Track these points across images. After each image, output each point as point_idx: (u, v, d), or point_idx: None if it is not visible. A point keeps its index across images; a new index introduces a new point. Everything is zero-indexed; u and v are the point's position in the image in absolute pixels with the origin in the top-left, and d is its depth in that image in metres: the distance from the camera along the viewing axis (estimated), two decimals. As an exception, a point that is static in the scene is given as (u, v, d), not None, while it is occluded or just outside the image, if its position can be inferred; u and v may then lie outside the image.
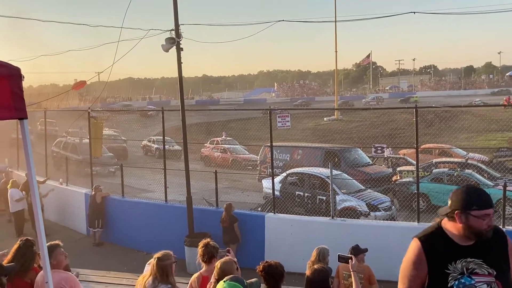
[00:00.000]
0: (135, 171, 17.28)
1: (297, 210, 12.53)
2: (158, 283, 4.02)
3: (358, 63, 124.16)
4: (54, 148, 22.20)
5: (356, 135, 30.78)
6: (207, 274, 4.92)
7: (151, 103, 71.35)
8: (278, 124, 11.57)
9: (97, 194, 12.28)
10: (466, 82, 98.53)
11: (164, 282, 4.02)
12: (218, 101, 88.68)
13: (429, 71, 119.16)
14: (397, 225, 9.73)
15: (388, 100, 75.18)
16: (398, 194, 14.27)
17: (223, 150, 25.03)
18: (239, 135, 27.89)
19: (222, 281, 3.55)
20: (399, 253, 9.49)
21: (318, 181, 13.30)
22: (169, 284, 4.03)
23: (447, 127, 27.17)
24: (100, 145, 14.54)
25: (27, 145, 2.57)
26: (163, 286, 4.01)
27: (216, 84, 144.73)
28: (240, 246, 9.99)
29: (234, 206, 10.38)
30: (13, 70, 2.41)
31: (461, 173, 14.19)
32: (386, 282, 8.16)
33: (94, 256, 11.32)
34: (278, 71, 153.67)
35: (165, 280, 4.02)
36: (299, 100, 79.37)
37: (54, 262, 4.44)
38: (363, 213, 11.57)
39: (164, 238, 10.46)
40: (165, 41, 10.16)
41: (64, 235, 12.16)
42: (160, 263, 4.05)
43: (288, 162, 17.50)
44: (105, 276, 8.81)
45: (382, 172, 16.24)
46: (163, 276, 4.02)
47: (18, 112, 2.42)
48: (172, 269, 4.09)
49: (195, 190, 12.08)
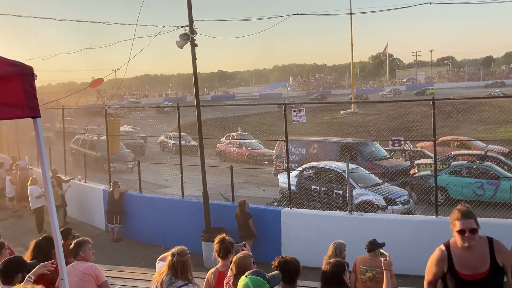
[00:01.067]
0: (152, 167, 17.43)
1: (313, 204, 12.49)
2: (176, 279, 3.99)
3: (375, 56, 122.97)
4: (72, 145, 22.52)
5: (373, 128, 30.52)
6: (223, 269, 4.94)
7: (168, 100, 71.85)
8: (293, 119, 11.50)
9: (115, 190, 12.42)
10: (485, 73, 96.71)
11: (182, 279, 3.98)
12: (234, 96, 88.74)
13: (447, 63, 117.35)
14: (415, 219, 9.61)
15: (405, 92, 74.30)
16: (416, 188, 14.12)
17: (239, 145, 25.07)
18: (255, 129, 27.90)
19: (244, 276, 3.54)
20: (416, 247, 9.47)
21: (335, 175, 13.21)
22: (186, 280, 3.99)
23: (466, 119, 26.75)
24: (117, 141, 14.69)
25: (40, 143, 2.60)
26: (180, 282, 3.98)
27: (231, 79, 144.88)
28: (257, 241, 10.00)
29: (248, 203, 10.37)
30: (26, 69, 2.43)
31: (480, 165, 13.96)
32: (404, 276, 8.11)
33: (113, 252, 11.46)
34: (293, 65, 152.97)
35: (184, 276, 3.98)
36: (315, 94, 78.93)
37: (82, 255, 4.74)
38: (380, 207, 11.47)
39: (181, 233, 10.54)
40: (179, 38, 10.17)
41: (84, 231, 12.34)
42: (180, 259, 4.02)
43: (304, 156, 17.42)
44: (124, 271, 8.91)
45: (400, 165, 16.05)
46: (183, 272, 3.98)
47: (31, 110, 2.44)
48: (189, 265, 4.08)
49: (211, 185, 12.12)
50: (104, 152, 15.25)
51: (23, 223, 14.12)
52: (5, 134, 23.08)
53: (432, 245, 9.30)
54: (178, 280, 3.97)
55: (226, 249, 5.02)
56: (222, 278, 4.85)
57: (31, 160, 18.11)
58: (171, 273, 4.02)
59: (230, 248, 5.07)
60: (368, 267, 5.83)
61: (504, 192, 13.04)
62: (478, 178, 13.58)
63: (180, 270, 3.99)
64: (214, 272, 5.05)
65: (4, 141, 23.02)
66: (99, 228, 13.55)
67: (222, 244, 5.03)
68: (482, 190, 13.38)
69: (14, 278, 4.04)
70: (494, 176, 13.53)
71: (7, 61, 2.44)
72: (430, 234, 8.84)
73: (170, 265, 4.03)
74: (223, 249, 5.01)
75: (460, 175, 14.05)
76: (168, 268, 4.06)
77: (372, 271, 5.81)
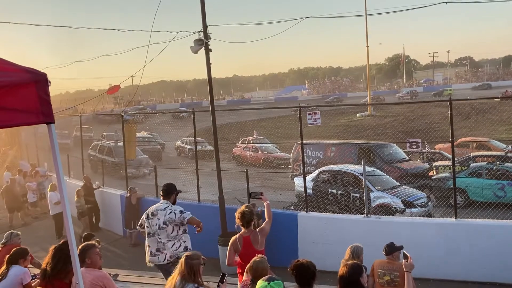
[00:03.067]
0: (169, 172, 17.53)
1: (330, 208, 12.40)
2: (186, 282, 4.02)
3: (391, 58, 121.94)
4: (90, 152, 22.81)
5: (390, 130, 30.26)
6: (247, 234, 5.59)
7: (184, 105, 72.30)
8: (308, 122, 11.44)
9: (132, 195, 12.51)
10: (505, 73, 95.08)
11: (191, 281, 4.01)
12: (249, 100, 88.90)
13: (465, 63, 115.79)
14: (434, 222, 9.46)
15: (422, 93, 73.57)
16: (435, 190, 13.92)
17: (255, 149, 25.08)
18: (271, 133, 27.90)
19: (266, 283, 3.60)
20: (435, 250, 9.30)
21: (351, 178, 13.09)
22: (196, 283, 4.02)
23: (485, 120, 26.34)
24: (134, 147, 14.83)
25: (55, 149, 2.63)
26: (190, 285, 4.00)
27: (247, 83, 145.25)
28: (273, 245, 9.93)
29: (257, 206, 10.35)
30: (40, 76, 2.47)
31: (500, 166, 13.70)
32: (423, 280, 7.99)
33: (131, 257, 11.54)
34: (309, 68, 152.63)
35: (192, 279, 4.01)
36: (331, 97, 78.67)
37: (88, 262, 4.58)
38: (398, 210, 11.32)
39: (198, 237, 10.50)
40: (194, 43, 10.22)
41: (102, 236, 12.46)
42: (189, 261, 4.06)
43: (321, 159, 17.33)
44: (141, 276, 8.96)
45: (419, 168, 15.86)
46: (190, 275, 4.01)
47: (45, 116, 2.48)
48: (200, 269, 4.09)
49: (227, 189, 12.13)
50: (121, 158, 15.41)
51: (43, 228, 14.33)
52: (24, 141, 23.52)
53: (451, 248, 9.17)
54: (188, 284, 4.01)
55: (249, 219, 5.63)
56: (247, 242, 5.55)
57: (49, 166, 18.39)
58: (180, 277, 4.07)
59: (251, 218, 5.67)
60: (386, 271, 5.75)
61: (525, 193, 12.79)
62: (498, 180, 13.33)
63: (188, 273, 4.05)
64: (239, 237, 5.63)
65: (24, 148, 23.45)
66: (117, 233, 13.66)
67: (243, 217, 5.62)
68: (503, 192, 13.12)
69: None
70: (515, 177, 13.27)
71: (22, 68, 2.49)
72: (449, 237, 8.71)
73: (181, 267, 4.09)
74: (244, 220, 5.61)
75: (479, 176, 13.81)
76: (179, 271, 4.11)
77: (390, 275, 5.73)
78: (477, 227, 8.56)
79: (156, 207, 6.47)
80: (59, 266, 4.60)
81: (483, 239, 8.32)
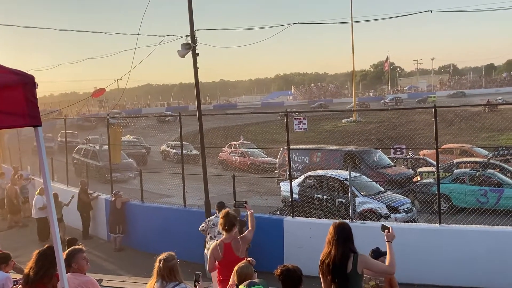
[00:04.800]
0: (154, 176, 17.42)
1: (316, 213, 12.44)
2: (166, 283, 4.05)
3: (376, 64, 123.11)
4: (74, 155, 22.53)
5: (375, 136, 30.53)
6: (228, 241, 5.39)
7: (169, 109, 71.99)
8: (295, 127, 11.52)
9: (117, 200, 12.40)
10: (487, 81, 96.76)
11: (172, 281, 4.04)
12: (236, 105, 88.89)
13: (449, 70, 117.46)
14: (418, 227, 9.56)
15: (407, 100, 74.47)
16: (419, 196, 14.06)
17: (241, 154, 25.06)
18: (257, 138, 27.93)
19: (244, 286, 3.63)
20: (420, 255, 9.38)
21: (337, 184, 13.18)
22: (177, 281, 4.06)
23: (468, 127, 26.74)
24: (119, 151, 14.71)
25: (41, 152, 2.60)
26: (171, 284, 4.04)
27: (233, 88, 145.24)
28: (259, 250, 9.92)
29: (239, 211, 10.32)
30: (27, 78, 2.44)
31: (483, 173, 13.91)
32: (408, 285, 8.05)
33: (115, 262, 11.43)
34: (295, 74, 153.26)
35: (173, 279, 4.05)
36: (317, 102, 79.11)
37: (75, 266, 4.52)
38: (383, 215, 11.41)
39: (184, 242, 10.48)
40: (181, 47, 10.20)
41: (86, 240, 12.33)
42: (167, 264, 4.10)
43: (307, 164, 17.39)
44: (126, 282, 8.88)
45: (404, 174, 16.03)
46: (170, 276, 4.06)
47: (32, 119, 2.45)
48: (178, 268, 4.15)
49: (214, 194, 12.09)
50: (106, 161, 15.26)
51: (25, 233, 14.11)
52: (7, 145, 23.17)
53: (435, 253, 9.28)
54: (169, 283, 4.03)
55: (231, 222, 5.43)
56: (228, 249, 5.32)
57: (33, 170, 18.14)
58: (161, 279, 4.08)
59: (234, 221, 5.47)
60: (372, 276, 5.78)
61: (507, 199, 12.99)
62: (481, 186, 13.53)
63: (168, 275, 4.09)
64: (219, 244, 5.36)
65: (6, 152, 23.08)
66: (101, 238, 13.52)
67: (227, 218, 5.42)
68: (485, 198, 13.32)
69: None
70: (497, 183, 13.48)
71: (9, 70, 2.46)
72: (433, 242, 8.80)
73: (158, 271, 4.11)
74: (228, 222, 5.40)
75: (463, 182, 14.00)
76: (157, 275, 4.12)
77: (375, 280, 5.75)
78: (460, 232, 8.67)
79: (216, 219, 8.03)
80: (42, 271, 4.51)
81: (467, 245, 8.44)
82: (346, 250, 4.45)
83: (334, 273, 4.42)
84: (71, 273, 4.44)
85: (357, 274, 4.44)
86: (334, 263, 4.41)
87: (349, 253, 4.42)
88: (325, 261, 4.47)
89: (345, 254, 4.40)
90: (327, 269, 4.46)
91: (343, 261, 4.39)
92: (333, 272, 4.42)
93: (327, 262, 4.46)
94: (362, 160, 16.19)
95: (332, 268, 4.42)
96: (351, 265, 4.39)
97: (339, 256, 4.40)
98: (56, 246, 2.71)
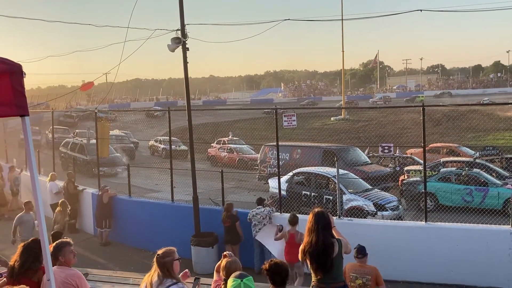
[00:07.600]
0: (142, 171, 17.33)
1: (303, 209, 12.47)
2: (163, 279, 4.02)
3: (366, 63, 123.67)
4: (62, 149, 22.30)
5: (363, 134, 30.70)
6: (293, 231, 8.17)
7: (158, 104, 71.57)
8: (284, 124, 11.54)
9: (104, 194, 12.31)
10: (474, 81, 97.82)
11: (168, 277, 4.02)
12: (225, 101, 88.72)
13: (437, 70, 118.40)
14: (404, 225, 9.65)
15: (395, 99, 75.02)
16: (406, 194, 14.19)
17: (230, 150, 25.02)
18: (246, 135, 27.89)
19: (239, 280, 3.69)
20: (405, 253, 9.47)
21: (325, 181, 13.26)
22: (173, 279, 4.03)
23: (455, 126, 27.00)
24: (107, 145, 14.59)
25: (28, 143, 2.56)
26: (168, 281, 4.01)
27: (223, 84, 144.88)
28: (246, 247, 9.95)
29: (233, 206, 10.35)
30: (15, 67, 2.40)
31: (469, 172, 14.07)
32: (393, 282, 8.12)
33: (101, 256, 11.35)
34: (285, 71, 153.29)
35: (168, 276, 4.02)
36: (306, 100, 79.27)
37: (62, 260, 4.50)
38: (370, 213, 11.49)
39: (171, 237, 10.44)
40: (171, 41, 10.13)
41: (72, 234, 12.22)
42: (160, 260, 4.08)
43: (287, 161, 17.48)
44: (112, 276, 8.78)
45: (380, 171, 16.36)
46: (164, 272, 4.03)
47: (20, 109, 2.41)
48: (172, 266, 4.09)
49: (202, 190, 12.07)
50: (94, 155, 15.13)
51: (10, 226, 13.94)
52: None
53: (421, 250, 9.37)
54: (166, 279, 4.00)
55: (296, 218, 8.24)
56: (292, 238, 8.07)
57: (19, 163, 17.92)
58: (157, 273, 4.07)
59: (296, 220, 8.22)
60: (358, 274, 5.83)
61: (492, 198, 13.16)
62: (467, 185, 13.68)
63: (161, 271, 4.06)
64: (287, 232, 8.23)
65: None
66: (88, 232, 13.41)
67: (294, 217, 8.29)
68: (470, 197, 13.47)
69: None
70: (483, 182, 13.64)
71: (-4, 59, 2.41)
72: (419, 239, 8.89)
73: (158, 265, 4.07)
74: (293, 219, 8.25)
75: (449, 181, 14.15)
76: (155, 268, 4.10)
77: (362, 278, 5.80)
78: (446, 230, 8.77)
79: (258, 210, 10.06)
80: (27, 264, 4.46)
81: (452, 242, 8.53)
82: (327, 236, 4.62)
83: (318, 260, 4.59)
84: (58, 266, 4.41)
85: (341, 257, 4.67)
86: (317, 251, 4.57)
87: (330, 239, 4.62)
88: (309, 250, 4.63)
89: (327, 241, 4.59)
90: (311, 258, 4.63)
91: (327, 247, 4.57)
92: (318, 259, 4.59)
93: (310, 251, 4.61)
94: (340, 157, 16.33)
95: (317, 256, 4.58)
96: (337, 249, 4.60)
97: (321, 243, 4.57)
98: (43, 238, 2.68)
